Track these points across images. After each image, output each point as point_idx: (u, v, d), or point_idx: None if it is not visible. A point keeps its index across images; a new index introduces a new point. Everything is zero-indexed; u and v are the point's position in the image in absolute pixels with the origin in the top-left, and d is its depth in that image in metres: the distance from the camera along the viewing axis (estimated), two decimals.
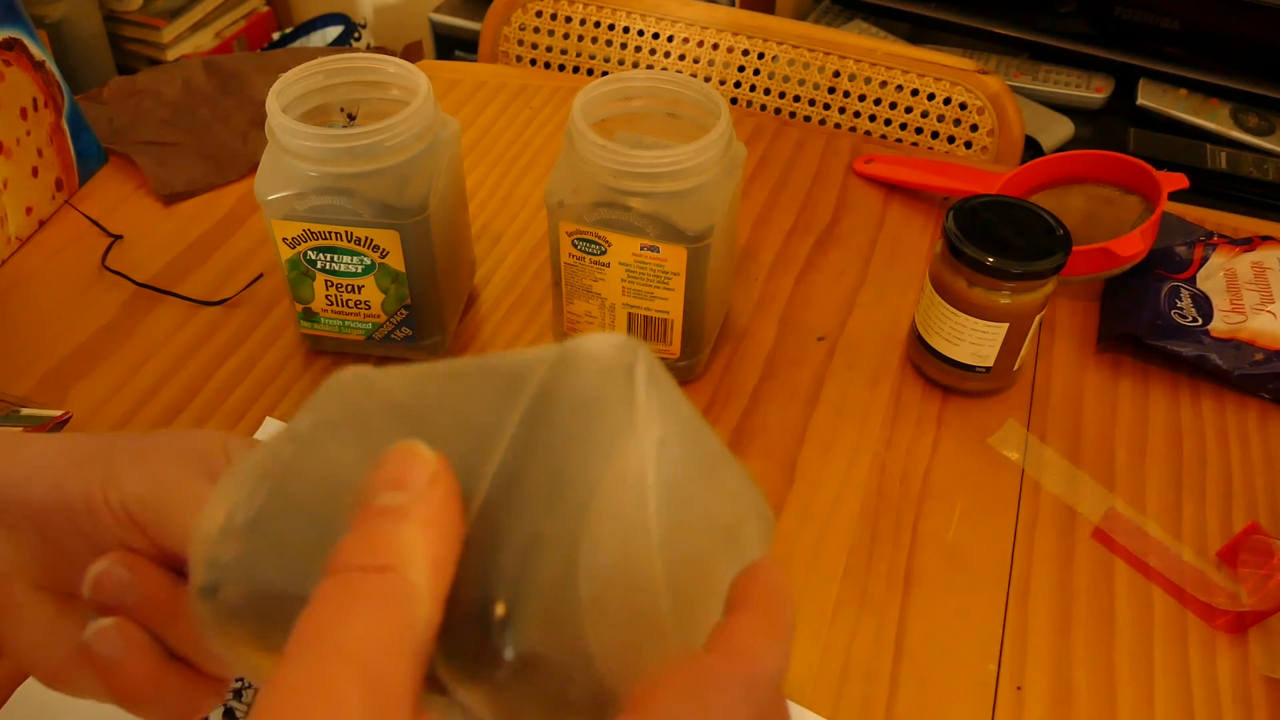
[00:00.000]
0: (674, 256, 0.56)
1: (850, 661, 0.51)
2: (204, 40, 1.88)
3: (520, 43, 1.04)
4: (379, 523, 0.24)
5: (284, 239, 0.58)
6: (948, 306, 0.59)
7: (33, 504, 0.33)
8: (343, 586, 0.23)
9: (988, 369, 0.61)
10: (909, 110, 0.94)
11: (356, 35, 1.94)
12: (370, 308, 0.61)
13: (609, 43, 1.02)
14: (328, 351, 0.65)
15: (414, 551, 0.23)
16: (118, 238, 0.72)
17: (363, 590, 0.23)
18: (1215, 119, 1.32)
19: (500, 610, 0.23)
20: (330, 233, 0.57)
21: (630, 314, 0.60)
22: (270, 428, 0.60)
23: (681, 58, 1.00)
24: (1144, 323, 0.65)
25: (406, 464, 0.25)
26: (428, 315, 0.62)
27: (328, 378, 0.29)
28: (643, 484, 0.26)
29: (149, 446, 0.35)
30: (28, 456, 0.34)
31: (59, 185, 0.75)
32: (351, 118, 0.61)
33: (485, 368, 0.28)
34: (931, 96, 0.93)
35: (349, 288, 0.60)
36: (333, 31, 1.94)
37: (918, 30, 1.49)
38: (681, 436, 0.27)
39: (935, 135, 0.94)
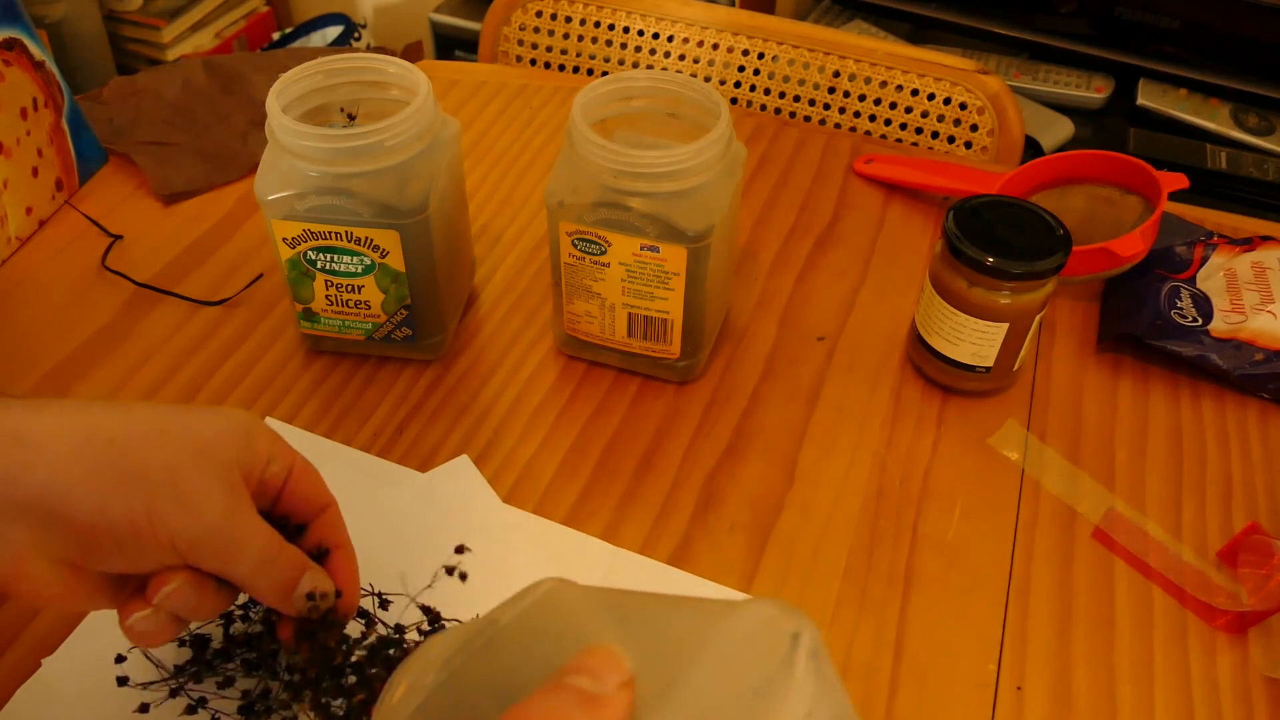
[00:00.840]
0: (674, 256, 0.56)
1: (850, 661, 0.51)
2: (204, 40, 1.88)
3: (520, 43, 1.04)
4: (564, 696, 0.27)
5: (284, 239, 0.58)
6: (948, 306, 0.59)
7: (76, 521, 0.36)
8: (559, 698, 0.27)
9: (988, 369, 0.61)
10: (909, 110, 0.94)
11: (356, 35, 1.94)
12: (370, 308, 0.61)
13: (609, 43, 1.02)
14: (328, 351, 0.65)
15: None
16: (118, 238, 0.72)
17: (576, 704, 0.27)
18: (1215, 119, 1.32)
19: None
20: (330, 233, 0.57)
21: (630, 314, 0.60)
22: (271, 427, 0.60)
23: (681, 58, 1.00)
24: (1144, 323, 0.65)
25: (606, 662, 0.28)
26: (428, 315, 0.62)
27: (537, 584, 0.32)
28: None
29: (182, 466, 0.38)
30: (53, 457, 0.36)
31: (59, 185, 0.75)
32: (351, 118, 0.61)
33: (683, 604, 0.31)
34: (931, 96, 0.93)
35: (349, 288, 0.60)
36: (333, 31, 1.94)
37: (918, 30, 1.49)
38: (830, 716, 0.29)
39: (935, 135, 0.94)
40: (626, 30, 1.01)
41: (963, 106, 0.92)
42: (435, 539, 0.54)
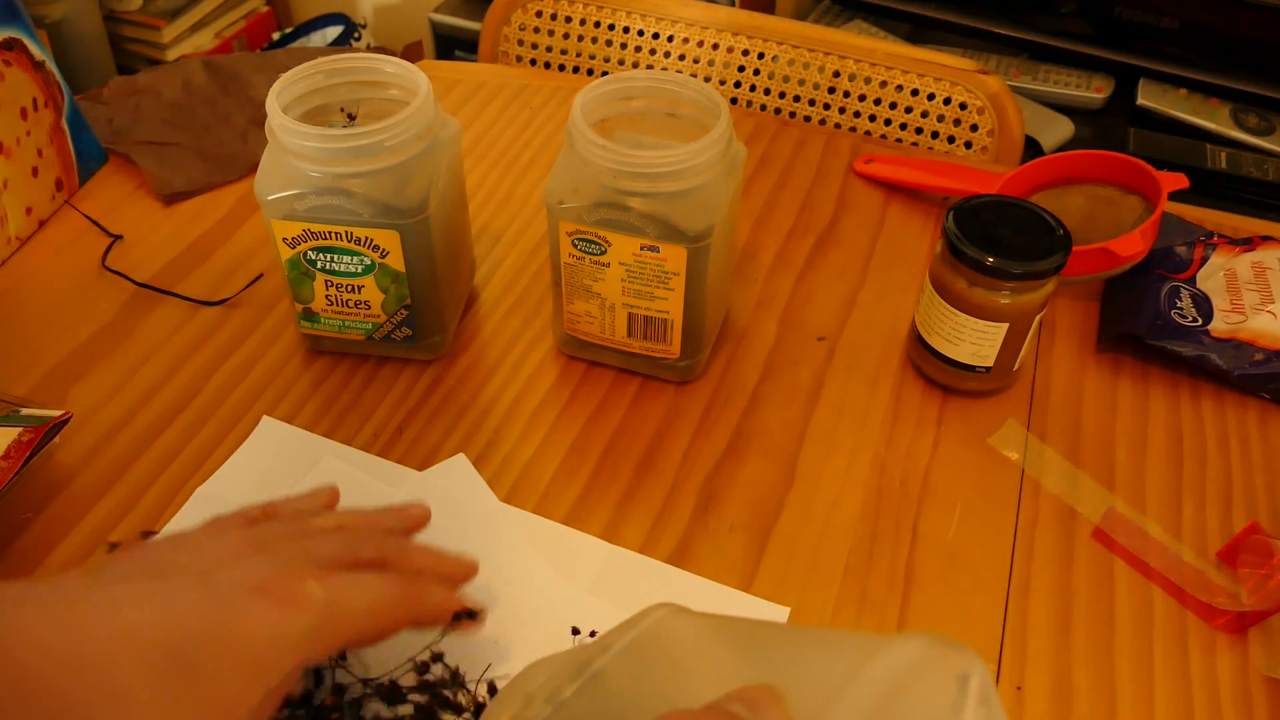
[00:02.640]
0: (674, 256, 0.56)
1: None
2: (204, 40, 1.88)
3: (520, 43, 1.04)
4: (718, 714, 0.27)
5: (284, 239, 0.58)
6: (948, 306, 0.59)
7: None
8: None
9: (988, 369, 0.61)
10: (909, 110, 0.94)
11: (356, 35, 1.94)
12: (370, 308, 0.61)
13: (609, 43, 1.02)
14: (328, 351, 0.65)
15: None
16: (118, 238, 0.72)
17: None
18: (1215, 119, 1.32)
19: None
20: (330, 233, 0.57)
21: (630, 314, 0.60)
22: (267, 427, 0.60)
23: (681, 58, 1.00)
24: (1144, 323, 0.65)
25: (765, 697, 0.27)
26: (428, 315, 0.62)
27: (652, 609, 0.30)
28: None
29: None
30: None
31: (59, 185, 0.75)
32: (351, 118, 0.61)
33: (813, 638, 0.30)
34: (931, 96, 0.93)
35: (349, 288, 0.60)
36: (333, 31, 1.94)
37: (918, 30, 1.49)
38: None
39: (935, 135, 0.94)
40: (626, 30, 1.01)
41: (963, 106, 0.92)
42: (432, 537, 0.54)
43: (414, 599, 0.41)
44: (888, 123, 0.96)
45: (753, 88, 0.99)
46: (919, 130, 0.95)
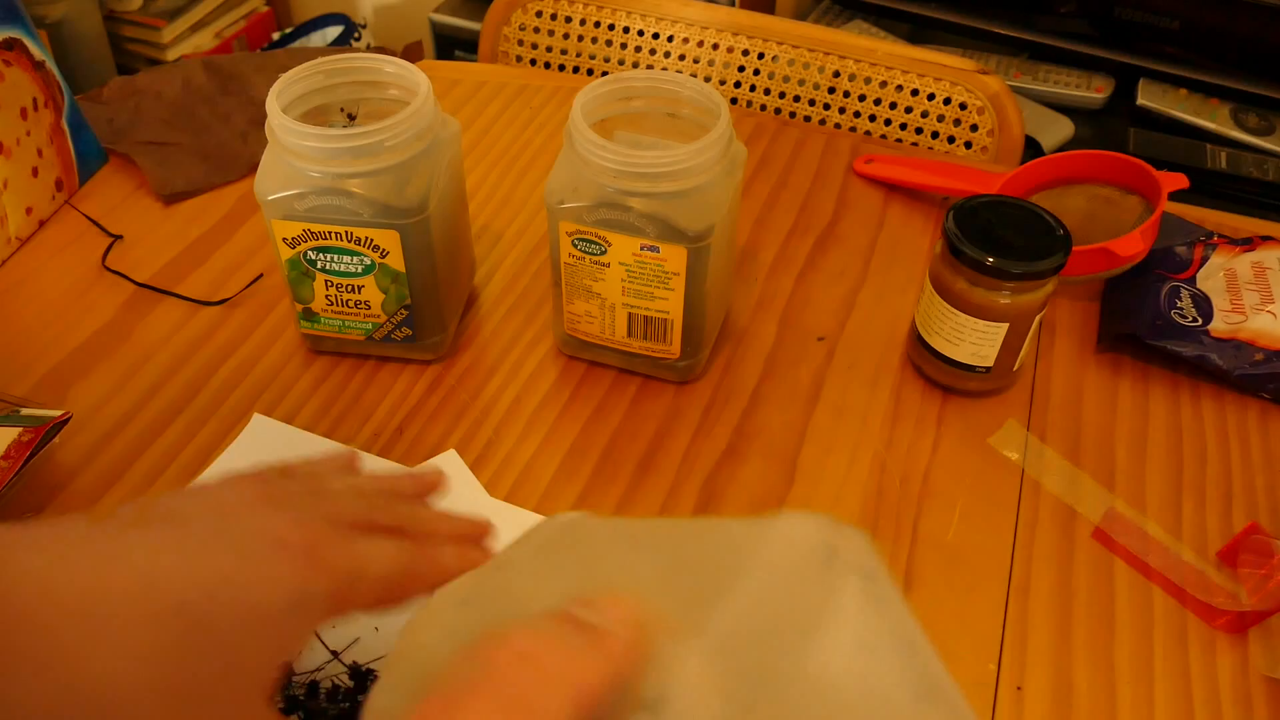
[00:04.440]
0: (674, 256, 0.56)
1: None
2: (204, 40, 1.88)
3: (520, 43, 1.04)
4: (564, 623, 0.26)
5: (284, 239, 0.58)
6: (948, 306, 0.59)
7: None
8: (497, 666, 0.25)
9: (988, 369, 0.61)
10: (909, 110, 0.94)
11: (356, 35, 1.94)
12: (370, 308, 0.61)
13: (609, 43, 1.02)
14: (328, 351, 0.65)
15: (561, 659, 0.25)
16: (118, 238, 0.72)
17: (507, 679, 0.25)
18: (1215, 119, 1.32)
19: None
20: (330, 233, 0.57)
21: (630, 314, 0.60)
22: (258, 424, 0.60)
23: (681, 58, 1.00)
24: (1144, 323, 0.65)
25: (614, 602, 0.27)
26: (428, 315, 0.62)
27: (555, 517, 0.30)
28: (824, 676, 0.24)
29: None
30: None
31: (59, 185, 0.75)
32: (351, 118, 0.61)
33: (708, 529, 0.28)
34: (931, 96, 0.93)
35: (349, 288, 0.60)
36: (333, 31, 1.94)
37: (918, 30, 1.49)
38: (895, 648, 0.26)
39: (935, 135, 0.94)
40: (626, 30, 1.01)
41: (963, 106, 0.92)
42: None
43: (430, 565, 0.38)
44: (888, 123, 0.96)
45: (753, 88, 0.99)
46: (919, 130, 0.95)
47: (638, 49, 1.01)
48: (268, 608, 0.32)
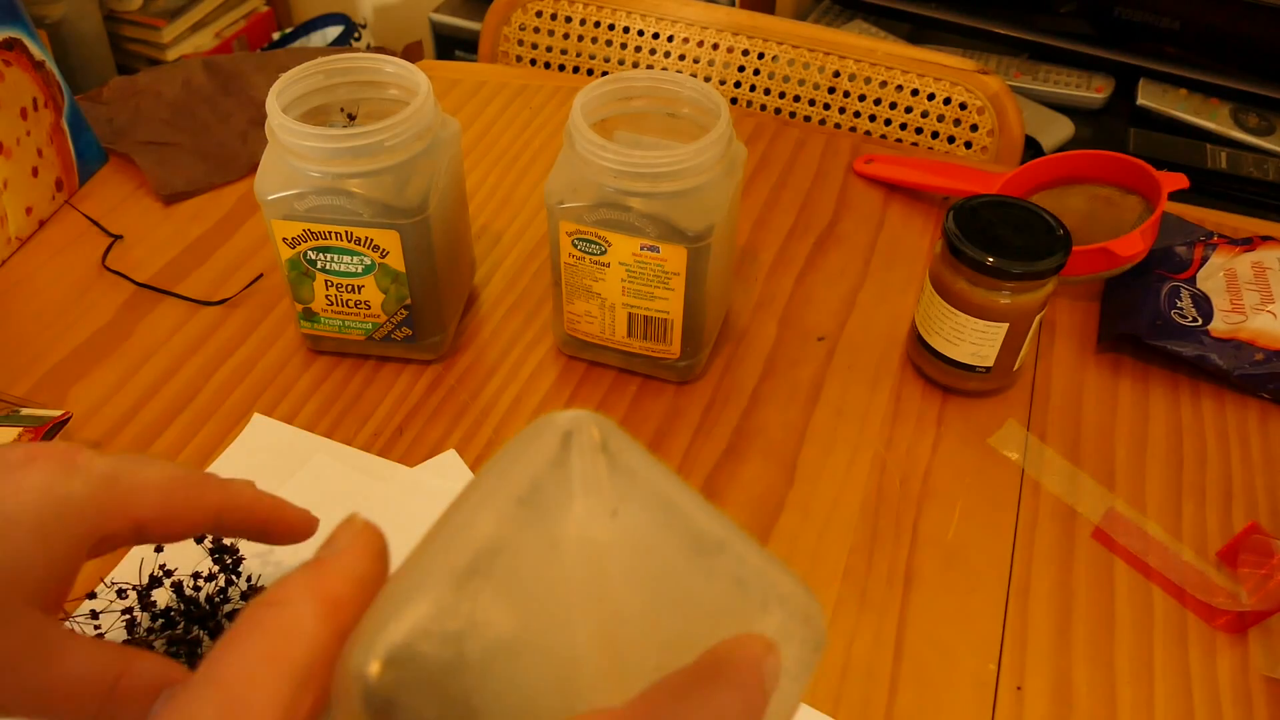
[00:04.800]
0: (674, 256, 0.56)
1: (850, 661, 0.51)
2: (204, 40, 1.88)
3: (520, 43, 1.04)
4: (298, 570, 0.27)
5: (284, 239, 0.58)
6: (948, 306, 0.59)
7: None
8: (237, 622, 0.26)
9: (988, 369, 0.61)
10: (909, 110, 0.94)
11: (356, 35, 1.94)
12: (370, 308, 0.61)
13: (609, 43, 1.02)
14: (328, 351, 0.65)
15: (304, 589, 0.26)
16: (118, 238, 0.72)
17: (244, 624, 0.26)
18: (1215, 119, 1.32)
19: (374, 667, 0.23)
20: (330, 233, 0.57)
21: (630, 314, 0.60)
22: (258, 424, 0.60)
23: (681, 58, 1.00)
24: (1144, 323, 0.65)
25: (341, 527, 0.29)
26: (428, 315, 0.62)
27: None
28: (570, 549, 0.24)
29: None
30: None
31: (59, 185, 0.75)
32: (351, 118, 0.61)
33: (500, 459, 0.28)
34: (931, 96, 0.93)
35: (349, 288, 0.60)
36: (333, 31, 1.94)
37: (918, 30, 1.49)
38: (648, 510, 0.25)
39: (935, 135, 0.94)
40: (626, 30, 1.01)
41: (963, 106, 0.92)
42: (423, 532, 0.54)
43: (218, 485, 0.37)
44: (888, 123, 0.96)
45: (753, 88, 0.99)
46: (919, 130, 0.95)
47: (638, 49, 1.01)
48: (17, 512, 0.32)
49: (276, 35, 1.97)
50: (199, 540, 0.50)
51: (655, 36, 1.00)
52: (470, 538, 0.25)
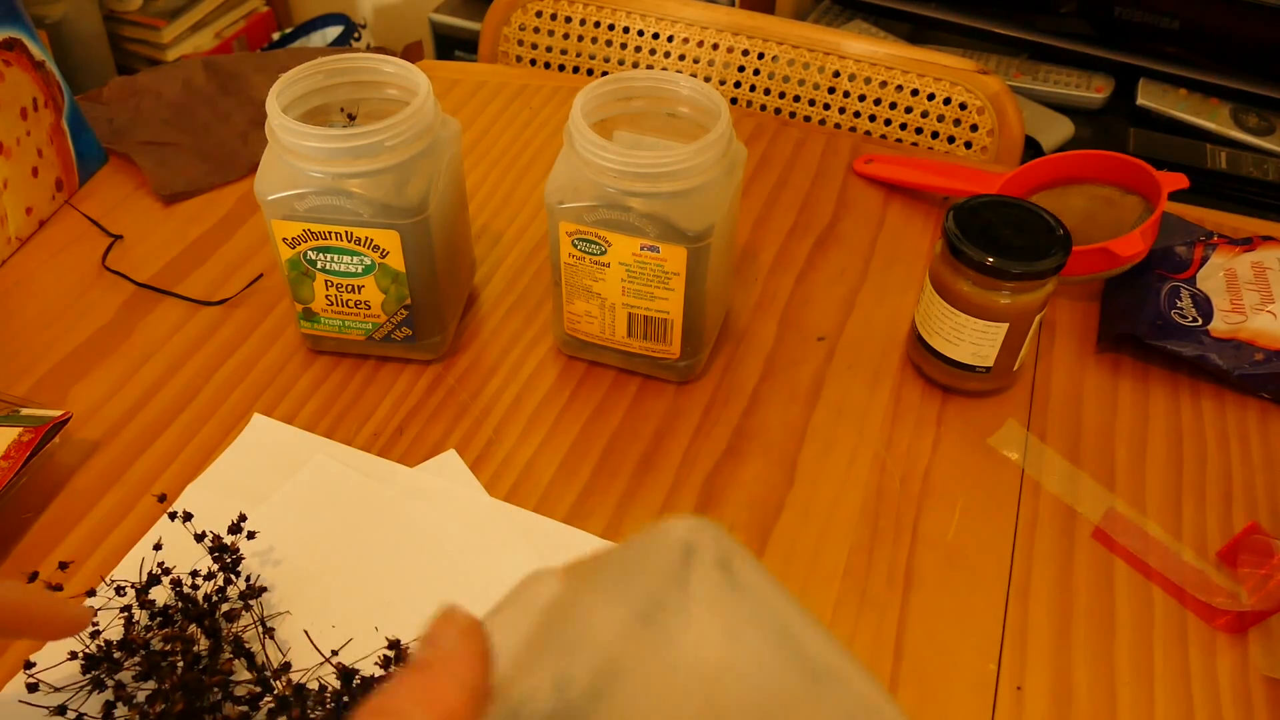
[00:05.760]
0: (674, 256, 0.56)
1: None
2: (204, 40, 1.88)
3: (520, 43, 1.04)
4: (403, 675, 0.26)
5: (284, 239, 0.58)
6: (948, 306, 0.59)
7: None
8: None
9: (988, 369, 0.61)
10: (909, 110, 0.94)
11: (356, 35, 1.94)
12: (370, 308, 0.61)
13: (609, 43, 1.02)
14: (328, 351, 0.65)
15: (416, 701, 0.25)
16: (118, 238, 0.72)
17: None
18: (1215, 119, 1.32)
19: None
20: (330, 233, 0.57)
21: (630, 314, 0.60)
22: (258, 424, 0.60)
23: (681, 58, 1.00)
24: (1144, 323, 0.65)
25: (441, 623, 0.27)
26: (428, 315, 0.62)
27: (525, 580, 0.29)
28: (684, 671, 0.23)
29: None
30: None
31: (59, 185, 0.75)
32: (351, 118, 0.61)
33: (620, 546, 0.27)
34: (931, 96, 0.93)
35: (349, 288, 0.60)
36: (333, 31, 1.94)
37: (918, 30, 1.49)
38: (765, 633, 0.25)
39: (935, 135, 0.94)
40: (626, 30, 1.01)
41: (963, 106, 0.92)
42: (424, 533, 0.54)
43: (49, 604, 0.40)
44: (888, 123, 0.96)
45: (753, 88, 0.99)
46: (919, 130, 0.95)
47: (638, 49, 1.01)
48: None
49: (276, 35, 1.97)
50: (199, 538, 0.50)
51: (655, 36, 1.00)
52: (589, 654, 0.24)
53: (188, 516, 0.51)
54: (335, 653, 0.49)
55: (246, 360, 0.64)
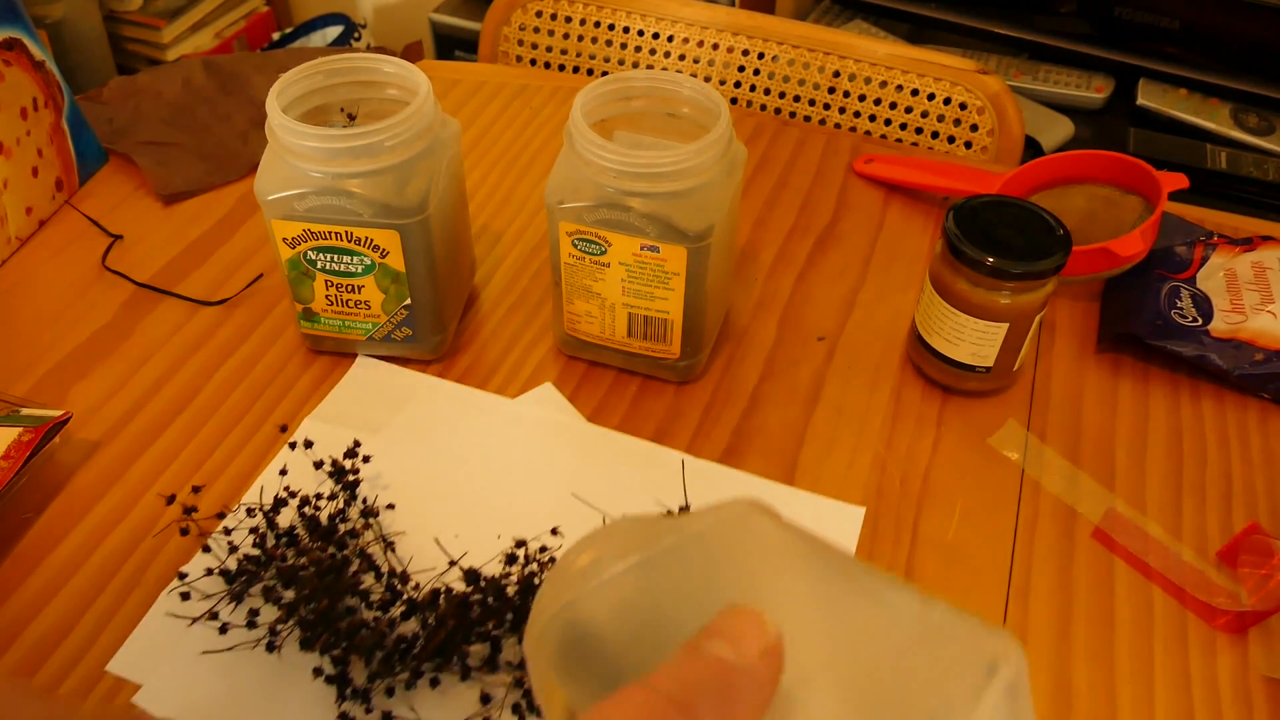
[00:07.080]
0: (674, 256, 0.56)
1: None
2: (204, 40, 1.88)
3: (520, 43, 1.04)
4: (701, 666, 0.25)
5: (284, 239, 0.58)
6: (948, 306, 0.59)
7: None
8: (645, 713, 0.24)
9: (988, 369, 0.61)
10: (909, 110, 0.94)
11: (356, 35, 1.94)
12: (370, 308, 0.61)
13: (609, 43, 1.02)
14: (328, 351, 0.65)
15: (710, 708, 0.24)
16: (118, 238, 0.72)
17: None
18: (1215, 119, 1.32)
19: None
20: (330, 233, 0.57)
21: (630, 314, 0.60)
22: (364, 364, 0.63)
23: (681, 58, 1.00)
24: (1144, 323, 0.65)
25: (747, 627, 0.25)
26: (428, 315, 0.62)
27: (737, 502, 0.28)
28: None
29: None
30: None
31: (59, 185, 0.75)
32: (351, 118, 0.61)
33: (887, 585, 0.28)
34: (931, 96, 0.93)
35: (349, 288, 0.60)
36: (333, 31, 1.94)
37: (918, 30, 1.49)
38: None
39: (935, 135, 0.94)
40: (626, 30, 1.01)
41: (963, 106, 0.92)
42: (529, 458, 0.59)
43: None
44: (888, 123, 0.96)
45: (753, 88, 0.99)
46: (919, 130, 0.95)
47: (638, 49, 1.01)
48: None
49: (276, 35, 1.97)
50: (318, 465, 0.56)
51: (655, 36, 1.00)
52: None
53: (308, 444, 0.56)
54: (453, 563, 0.52)
55: (246, 360, 0.64)
